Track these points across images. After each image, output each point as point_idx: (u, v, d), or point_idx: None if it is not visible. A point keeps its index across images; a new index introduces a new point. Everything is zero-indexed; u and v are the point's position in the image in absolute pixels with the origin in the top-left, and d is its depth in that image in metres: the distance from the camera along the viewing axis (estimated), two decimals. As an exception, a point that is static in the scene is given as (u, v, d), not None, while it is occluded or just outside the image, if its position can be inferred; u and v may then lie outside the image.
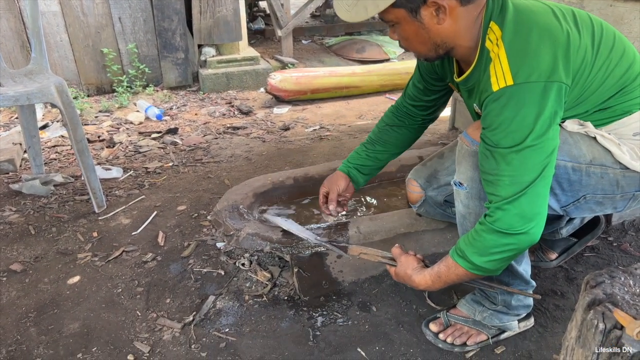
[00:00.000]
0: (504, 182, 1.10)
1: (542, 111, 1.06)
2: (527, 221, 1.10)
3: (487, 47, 1.14)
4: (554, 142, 1.10)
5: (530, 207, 1.10)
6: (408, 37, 1.18)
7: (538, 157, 1.08)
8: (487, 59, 1.13)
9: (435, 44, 1.18)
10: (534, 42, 1.08)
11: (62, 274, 1.78)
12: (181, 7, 3.82)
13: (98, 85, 3.90)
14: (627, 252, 1.78)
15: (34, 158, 2.43)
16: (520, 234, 1.10)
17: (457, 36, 1.16)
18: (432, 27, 1.13)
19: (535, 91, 1.06)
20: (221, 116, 3.48)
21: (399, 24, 1.15)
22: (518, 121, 1.06)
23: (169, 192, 2.34)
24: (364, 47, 4.94)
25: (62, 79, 2.02)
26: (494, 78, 1.09)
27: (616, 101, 1.21)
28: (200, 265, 1.79)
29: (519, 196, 1.09)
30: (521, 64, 1.06)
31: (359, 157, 1.64)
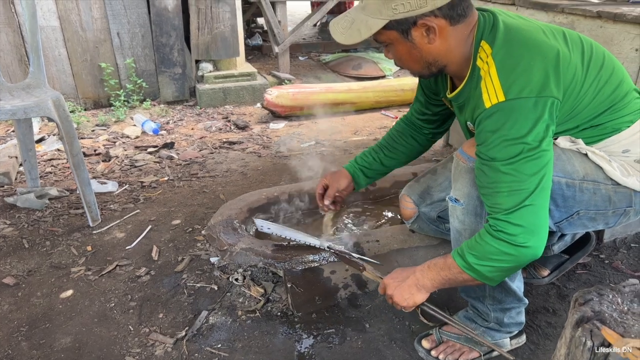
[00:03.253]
0: (502, 193, 1.12)
1: (535, 125, 1.08)
2: (529, 234, 1.11)
3: (477, 65, 1.16)
4: (549, 153, 1.11)
5: (532, 219, 1.11)
6: (401, 57, 1.22)
7: (534, 168, 1.09)
8: (478, 77, 1.16)
9: (428, 62, 1.21)
10: (525, 58, 1.10)
11: (55, 288, 1.77)
12: (179, 23, 3.86)
13: (95, 99, 3.91)
14: (618, 270, 1.79)
15: (29, 171, 2.43)
16: (522, 247, 1.11)
17: (448, 54, 1.19)
18: (424, 47, 1.17)
19: (527, 106, 1.08)
20: (217, 131, 3.50)
21: (392, 45, 1.19)
22: (512, 135, 1.08)
23: (163, 207, 2.35)
24: (360, 64, 4.99)
25: (59, 94, 2.04)
26: (485, 95, 1.12)
27: (606, 118, 1.23)
28: (193, 280, 1.79)
29: (520, 207, 1.10)
30: (512, 80, 1.09)
31: (366, 159, 1.66)
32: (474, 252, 1.16)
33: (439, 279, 1.25)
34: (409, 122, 1.65)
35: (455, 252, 1.22)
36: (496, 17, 1.18)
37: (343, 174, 1.65)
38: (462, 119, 1.34)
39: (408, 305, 1.29)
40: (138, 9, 3.78)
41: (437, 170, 1.65)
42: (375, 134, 3.44)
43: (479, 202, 1.23)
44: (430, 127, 1.61)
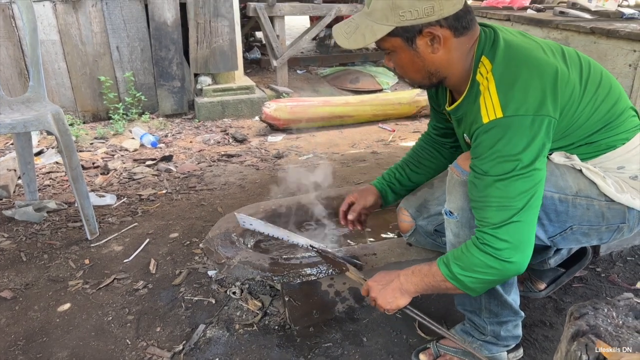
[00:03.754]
0: (491, 208, 1.13)
1: (530, 143, 1.09)
2: (515, 250, 1.12)
3: (477, 80, 1.18)
4: (541, 172, 1.13)
5: (518, 236, 1.12)
6: (403, 65, 1.23)
7: (525, 186, 1.11)
8: (477, 92, 1.17)
9: (429, 72, 1.22)
10: (523, 76, 1.12)
11: (52, 302, 1.77)
12: (178, 37, 3.89)
13: (94, 112, 3.93)
14: (614, 283, 1.80)
15: (28, 184, 2.44)
16: (507, 262, 1.13)
17: (450, 66, 1.21)
18: (427, 56, 1.18)
19: (524, 124, 1.09)
20: (216, 144, 3.51)
21: (395, 52, 1.20)
22: (507, 152, 1.10)
23: (161, 220, 2.35)
24: (357, 78, 5.03)
25: (59, 107, 2.05)
26: (484, 110, 1.13)
27: (601, 136, 1.25)
28: (191, 294, 1.79)
29: (508, 223, 1.11)
30: (510, 97, 1.10)
31: (393, 176, 1.66)
32: (459, 262, 1.18)
33: (422, 284, 1.26)
34: (429, 138, 1.66)
35: (440, 260, 1.23)
36: (497, 34, 1.20)
37: (371, 191, 1.65)
38: (460, 132, 1.36)
39: (391, 308, 1.30)
40: (137, 23, 3.81)
41: (434, 183, 1.66)
42: (372, 147, 3.46)
43: (472, 215, 1.24)
44: (449, 141, 1.61)
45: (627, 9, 2.26)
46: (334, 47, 6.49)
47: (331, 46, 6.44)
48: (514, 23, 2.33)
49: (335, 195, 2.28)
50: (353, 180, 2.79)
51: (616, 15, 2.17)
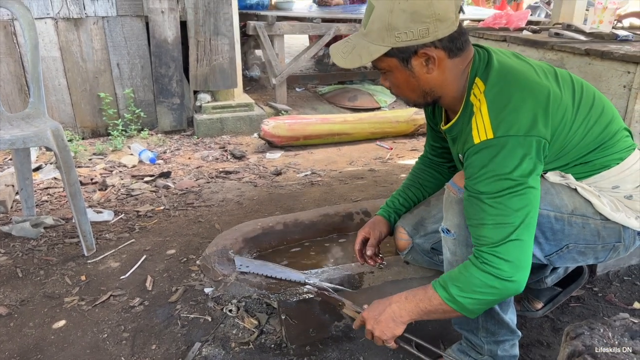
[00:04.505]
0: (488, 226, 1.13)
1: (521, 162, 1.10)
2: (515, 269, 1.12)
3: (471, 101, 1.20)
4: (535, 191, 1.13)
5: (518, 254, 1.12)
6: (399, 85, 1.25)
7: (519, 203, 1.11)
8: (470, 112, 1.19)
9: (424, 91, 1.24)
10: (515, 98, 1.14)
11: (47, 318, 1.76)
12: (178, 55, 3.93)
13: (93, 128, 3.95)
14: (611, 303, 1.80)
15: (25, 200, 2.44)
16: (507, 281, 1.12)
17: (444, 86, 1.23)
18: (422, 76, 1.21)
19: (515, 144, 1.11)
20: (214, 160, 3.52)
21: (391, 72, 1.23)
22: (498, 171, 1.11)
23: (159, 236, 2.35)
24: (355, 96, 5.07)
25: (58, 124, 2.07)
26: (475, 131, 1.15)
27: (595, 156, 1.26)
28: (187, 311, 1.79)
29: (507, 242, 1.11)
30: (502, 118, 1.12)
31: (398, 202, 1.67)
32: (457, 283, 1.17)
33: (417, 310, 1.24)
34: (426, 160, 1.68)
35: (436, 283, 1.21)
36: (491, 55, 1.23)
37: (380, 221, 1.65)
38: (455, 151, 1.38)
39: (388, 339, 1.29)
40: (138, 41, 3.85)
41: (431, 201, 1.66)
42: (370, 164, 3.47)
43: (469, 232, 1.25)
44: (446, 161, 1.63)
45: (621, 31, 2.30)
46: (333, 65, 6.55)
47: (330, 64, 6.50)
48: (510, 44, 2.36)
49: (333, 212, 2.28)
50: (351, 197, 2.80)
51: (610, 37, 2.20)
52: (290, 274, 1.70)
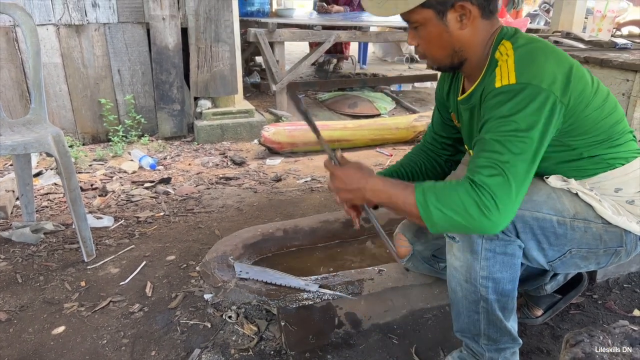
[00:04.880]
0: (485, 160, 1.13)
1: (533, 111, 1.12)
2: (496, 208, 1.09)
3: (495, 57, 1.22)
4: (536, 148, 1.14)
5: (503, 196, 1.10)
6: (430, 40, 1.25)
7: (520, 149, 1.12)
8: (494, 67, 1.22)
9: (454, 49, 1.26)
10: (541, 59, 1.17)
11: (47, 324, 1.76)
12: (179, 61, 3.94)
13: (94, 134, 3.96)
14: (611, 310, 1.80)
15: (26, 205, 2.44)
16: (484, 216, 1.09)
17: (472, 46, 1.26)
18: (455, 32, 1.22)
19: (532, 92, 1.13)
20: (214, 166, 3.53)
21: (424, 26, 1.23)
22: (508, 112, 1.13)
23: (159, 242, 2.35)
24: (355, 103, 5.08)
25: (59, 130, 2.07)
26: (498, 77, 1.18)
27: (602, 150, 1.27)
28: (187, 317, 1.78)
29: (497, 181, 1.10)
30: (526, 69, 1.15)
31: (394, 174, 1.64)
32: (438, 193, 1.14)
33: (387, 202, 1.23)
34: (424, 147, 1.67)
35: (419, 184, 1.19)
36: (517, 30, 1.27)
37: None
38: (473, 123, 1.37)
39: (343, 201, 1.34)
40: (139, 47, 3.87)
41: (431, 209, 1.66)
42: (370, 171, 3.48)
43: (474, 238, 1.25)
44: (445, 153, 1.63)
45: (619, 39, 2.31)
46: (333, 72, 6.57)
47: (330, 72, 6.53)
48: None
49: (333, 219, 2.29)
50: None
51: (609, 45, 2.22)
52: (289, 280, 1.71)
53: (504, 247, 1.25)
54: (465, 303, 1.35)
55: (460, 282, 1.33)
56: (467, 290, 1.32)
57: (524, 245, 1.27)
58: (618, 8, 3.16)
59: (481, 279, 1.28)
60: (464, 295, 1.34)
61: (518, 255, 1.28)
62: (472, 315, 1.35)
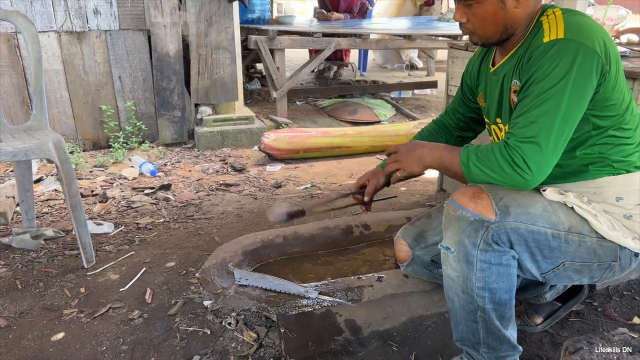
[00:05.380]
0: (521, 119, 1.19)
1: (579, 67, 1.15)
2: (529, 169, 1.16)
3: (541, 20, 1.26)
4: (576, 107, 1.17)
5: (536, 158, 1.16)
6: (484, 18, 1.28)
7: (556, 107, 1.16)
8: (540, 28, 1.24)
9: (506, 26, 1.29)
10: (587, 23, 1.21)
11: (46, 330, 1.76)
12: (180, 68, 3.96)
13: (94, 140, 3.97)
14: (611, 318, 1.80)
15: (26, 212, 2.45)
16: (518, 174, 1.16)
17: (522, 23, 1.29)
18: (510, 10, 1.26)
19: (580, 49, 1.16)
20: (214, 173, 3.53)
21: (481, 4, 1.26)
22: (555, 67, 1.16)
23: (158, 249, 2.35)
24: (355, 110, 5.10)
25: (60, 136, 2.08)
26: (546, 32, 1.21)
27: (613, 152, 1.29)
28: (186, 324, 1.78)
29: (530, 142, 1.16)
30: (575, 29, 1.18)
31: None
32: (479, 154, 1.23)
33: (438, 161, 1.34)
34: (439, 123, 1.75)
35: (465, 148, 1.28)
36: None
37: (379, 172, 1.69)
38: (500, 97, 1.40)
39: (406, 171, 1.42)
40: (140, 54, 3.89)
41: (432, 214, 1.67)
42: (370, 178, 3.48)
43: (469, 249, 1.26)
44: (459, 131, 1.71)
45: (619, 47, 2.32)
46: (333, 79, 6.60)
47: (330, 78, 6.55)
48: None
49: (333, 225, 2.29)
50: (351, 210, 2.80)
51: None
52: (289, 287, 1.71)
53: (499, 257, 1.25)
54: (463, 313, 1.35)
55: (457, 293, 1.33)
56: (464, 301, 1.32)
57: (518, 257, 1.27)
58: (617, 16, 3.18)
59: (477, 289, 1.28)
60: (462, 305, 1.34)
61: (513, 265, 1.28)
62: (470, 325, 1.35)
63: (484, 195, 1.26)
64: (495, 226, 1.23)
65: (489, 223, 1.23)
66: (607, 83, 1.22)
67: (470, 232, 1.25)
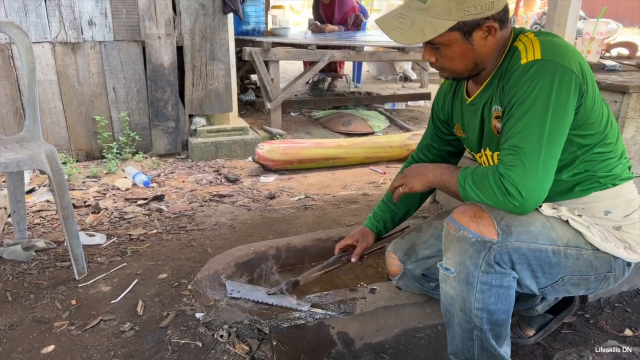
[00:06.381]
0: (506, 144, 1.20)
1: (558, 88, 1.15)
2: (519, 194, 1.16)
3: (516, 45, 1.25)
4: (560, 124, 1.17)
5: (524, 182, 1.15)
6: (453, 57, 1.27)
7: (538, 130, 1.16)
8: (515, 53, 1.24)
9: (475, 63, 1.28)
10: (562, 44, 1.21)
11: (36, 343, 1.74)
12: (174, 79, 3.97)
13: (88, 151, 3.96)
14: (602, 330, 1.80)
15: (17, 223, 2.43)
16: (509, 201, 1.17)
17: (491, 56, 1.28)
18: (479, 48, 1.24)
19: (558, 69, 1.16)
20: (208, 184, 3.53)
21: (448, 46, 1.24)
22: (534, 88, 1.16)
23: (151, 260, 2.34)
24: (350, 121, 5.12)
25: (53, 147, 2.07)
26: (523, 54, 1.21)
27: (598, 167, 1.30)
28: (178, 336, 1.77)
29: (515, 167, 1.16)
30: (551, 50, 1.18)
31: (382, 215, 1.75)
32: (475, 177, 1.24)
33: (439, 180, 1.36)
34: (414, 158, 1.74)
35: (463, 169, 1.30)
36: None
37: (368, 233, 1.75)
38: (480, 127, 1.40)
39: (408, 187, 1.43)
40: (134, 65, 3.89)
41: (423, 227, 1.68)
42: (363, 188, 3.49)
43: (470, 270, 1.25)
44: (431, 158, 1.69)
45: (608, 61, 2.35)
46: (327, 90, 6.62)
47: (324, 90, 6.58)
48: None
49: (326, 237, 2.29)
50: (344, 221, 2.81)
51: (598, 67, 2.25)
52: (281, 300, 1.70)
53: (500, 279, 1.25)
54: (459, 330, 1.35)
55: (456, 310, 1.33)
56: (462, 319, 1.32)
57: (518, 276, 1.28)
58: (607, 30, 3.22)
59: (476, 310, 1.28)
60: (459, 322, 1.34)
61: (513, 286, 1.28)
62: (466, 342, 1.35)
63: (485, 215, 1.25)
64: (498, 247, 1.22)
65: (492, 244, 1.22)
66: (586, 102, 1.22)
67: (472, 254, 1.24)
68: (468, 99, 1.42)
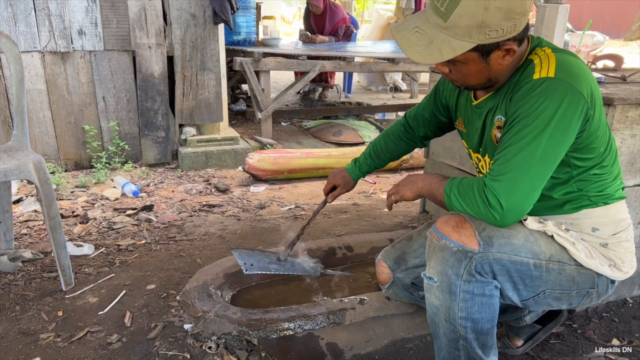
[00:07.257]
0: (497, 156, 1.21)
1: (565, 109, 1.15)
2: (501, 208, 1.17)
3: (531, 58, 1.25)
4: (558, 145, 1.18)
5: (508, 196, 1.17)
6: (468, 74, 1.26)
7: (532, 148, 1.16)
8: (530, 65, 1.23)
9: (490, 79, 1.27)
10: (578, 66, 1.20)
11: (22, 356, 1.72)
12: (164, 89, 3.97)
13: (77, 160, 3.93)
14: (590, 340, 1.81)
15: (4, 233, 2.40)
16: (491, 213, 1.19)
17: (507, 72, 1.27)
18: (495, 67, 1.23)
19: (570, 91, 1.15)
20: (198, 194, 3.52)
21: (465, 64, 1.22)
22: (540, 105, 1.16)
23: (139, 271, 2.32)
24: (340, 131, 5.14)
25: (40, 157, 2.06)
26: (537, 68, 1.20)
27: (592, 187, 1.31)
28: (166, 348, 1.76)
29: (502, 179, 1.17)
30: (566, 70, 1.17)
31: (366, 168, 1.84)
32: (460, 187, 1.26)
33: (427, 189, 1.38)
34: (406, 126, 1.78)
35: (450, 180, 1.31)
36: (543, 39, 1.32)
37: (349, 179, 1.84)
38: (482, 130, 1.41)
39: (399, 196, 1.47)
40: (125, 75, 3.89)
41: (413, 236, 1.69)
42: (354, 198, 3.50)
43: (452, 280, 1.26)
44: (423, 130, 1.73)
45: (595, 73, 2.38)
46: (318, 100, 6.65)
47: (315, 100, 6.60)
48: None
49: (316, 247, 2.29)
50: (334, 231, 2.81)
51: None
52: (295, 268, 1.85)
53: (482, 288, 1.26)
54: (445, 340, 1.35)
55: (441, 320, 1.33)
56: (447, 329, 1.33)
57: (500, 286, 1.28)
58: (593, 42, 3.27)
59: (460, 319, 1.29)
60: (444, 332, 1.34)
61: (496, 295, 1.29)
62: (452, 352, 1.36)
63: (467, 225, 1.26)
64: (479, 257, 1.23)
65: (473, 253, 1.23)
66: (590, 128, 1.22)
67: (453, 263, 1.25)
68: (475, 100, 1.42)
